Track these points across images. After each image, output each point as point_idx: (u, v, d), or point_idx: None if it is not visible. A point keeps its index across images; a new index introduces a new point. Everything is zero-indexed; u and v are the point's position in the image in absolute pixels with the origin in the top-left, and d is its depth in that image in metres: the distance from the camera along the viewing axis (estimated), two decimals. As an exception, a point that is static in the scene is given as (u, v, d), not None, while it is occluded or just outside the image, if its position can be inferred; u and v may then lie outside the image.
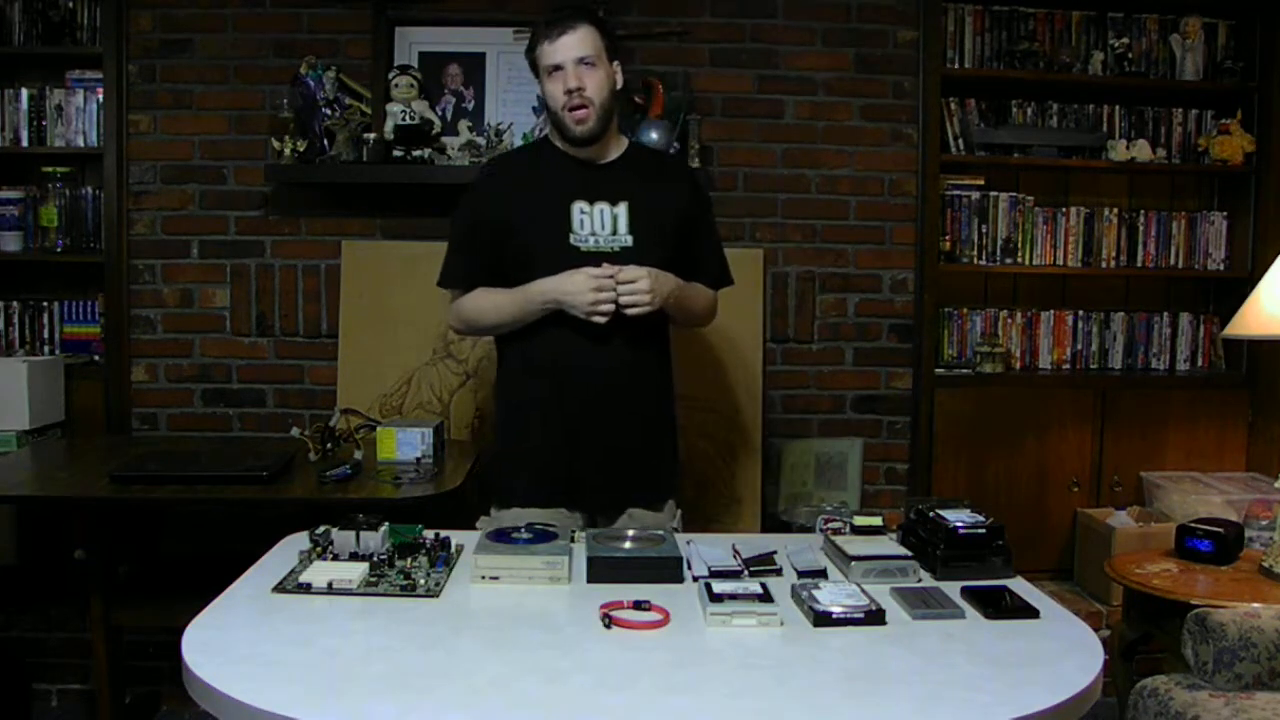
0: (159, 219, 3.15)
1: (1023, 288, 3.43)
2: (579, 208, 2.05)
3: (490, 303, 2.11)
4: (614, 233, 2.05)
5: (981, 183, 3.31)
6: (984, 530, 1.67)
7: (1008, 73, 3.25)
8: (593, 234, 2.05)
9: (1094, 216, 3.36)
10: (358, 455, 2.56)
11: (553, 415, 2.08)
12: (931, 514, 1.72)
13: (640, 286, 1.97)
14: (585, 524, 2.08)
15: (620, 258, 2.02)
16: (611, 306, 1.97)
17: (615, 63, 2.09)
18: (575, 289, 1.98)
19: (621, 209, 2.06)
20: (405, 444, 2.52)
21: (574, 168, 2.10)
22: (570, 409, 2.06)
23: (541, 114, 3.05)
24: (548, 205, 2.06)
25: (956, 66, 3.26)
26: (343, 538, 1.66)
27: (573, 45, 2.00)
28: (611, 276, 1.97)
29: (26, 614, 3.09)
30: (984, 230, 3.32)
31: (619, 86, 2.10)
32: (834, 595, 1.48)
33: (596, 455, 2.08)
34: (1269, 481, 3.06)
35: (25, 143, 3.11)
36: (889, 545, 1.71)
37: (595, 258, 2.02)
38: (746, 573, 1.63)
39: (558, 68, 2.01)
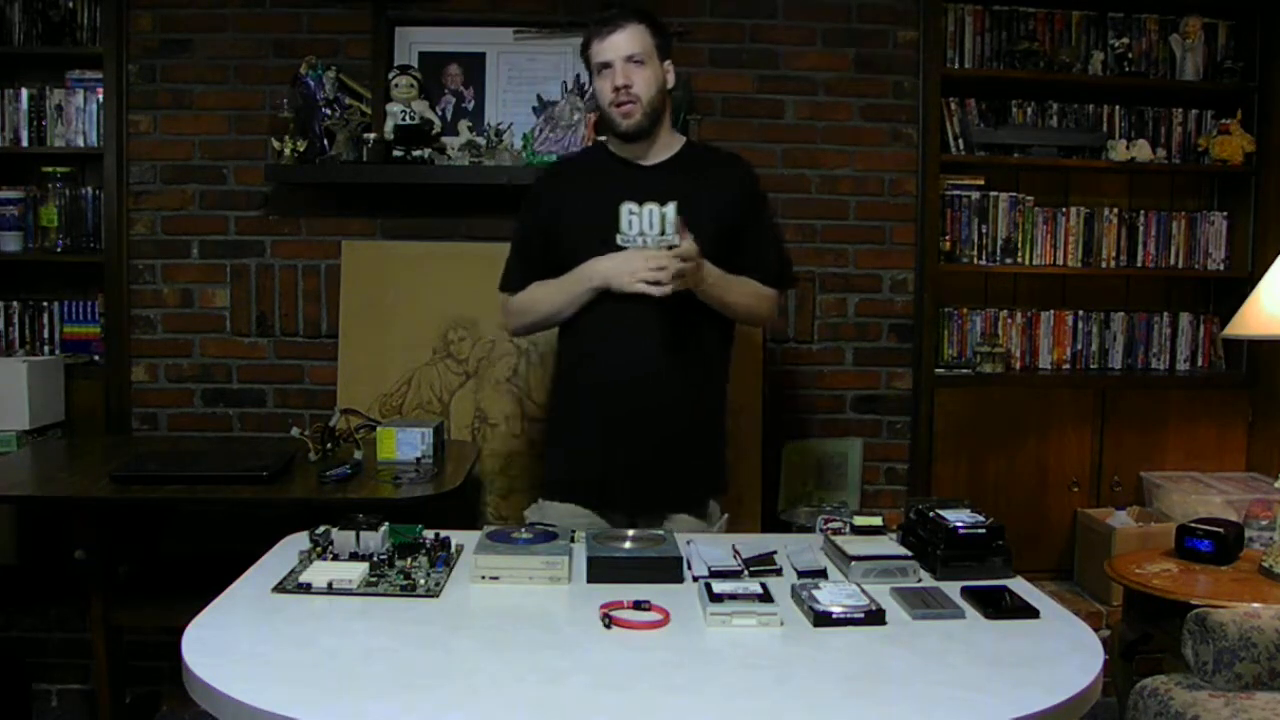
0: (159, 219, 3.15)
1: (1023, 288, 3.43)
2: (628, 208, 2.08)
3: (541, 292, 2.14)
4: (662, 233, 2.07)
5: (981, 183, 3.31)
6: (984, 530, 1.67)
7: (1008, 73, 3.24)
8: (641, 234, 2.08)
9: (1094, 216, 3.36)
10: (358, 455, 2.55)
11: (592, 413, 2.11)
12: (931, 514, 1.72)
13: (685, 267, 1.94)
14: (625, 524, 2.08)
15: None
16: (657, 275, 1.97)
17: (666, 62, 2.13)
18: (621, 261, 2.02)
19: (669, 209, 2.08)
20: (405, 444, 2.52)
21: (624, 169, 2.13)
22: (609, 408, 2.08)
23: (542, 114, 3.05)
24: (597, 206, 2.10)
25: (956, 66, 3.26)
26: (343, 538, 1.66)
27: (622, 44, 2.05)
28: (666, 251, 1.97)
29: (26, 614, 3.09)
30: (984, 230, 3.32)
31: (670, 85, 2.14)
32: (834, 595, 1.48)
33: (633, 456, 2.08)
34: (1269, 481, 3.06)
35: (25, 143, 3.11)
36: (889, 545, 1.71)
37: None
38: (746, 573, 1.63)
39: (607, 65, 2.06)
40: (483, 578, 1.58)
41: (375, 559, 1.63)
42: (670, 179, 2.11)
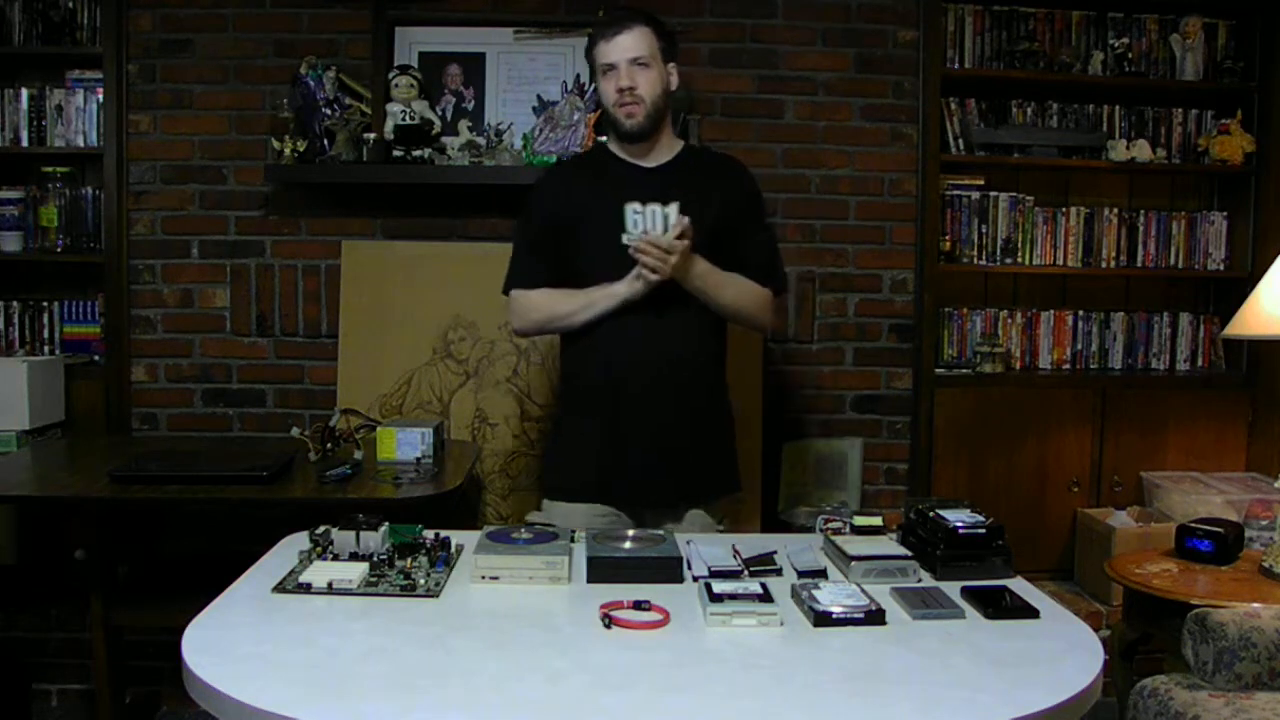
0: (159, 219, 3.15)
1: (1023, 288, 3.43)
2: (632, 208, 2.11)
3: (564, 302, 2.14)
4: (665, 232, 2.09)
5: (981, 183, 3.31)
6: (984, 530, 1.67)
7: (1008, 73, 3.24)
8: (645, 233, 2.10)
9: (1094, 216, 3.36)
10: (358, 455, 2.55)
11: (604, 410, 2.12)
12: (931, 514, 1.72)
13: (663, 246, 1.99)
14: (635, 521, 2.13)
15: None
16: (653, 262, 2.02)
17: (670, 65, 2.15)
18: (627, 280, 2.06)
19: (672, 209, 2.11)
20: (405, 444, 2.52)
21: (628, 170, 2.16)
22: (622, 405, 2.10)
23: (542, 114, 3.05)
24: (603, 205, 2.13)
25: (956, 66, 3.26)
26: (343, 538, 1.65)
27: (627, 45, 2.08)
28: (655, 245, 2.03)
29: (26, 614, 3.09)
30: (984, 230, 3.32)
31: (673, 88, 2.17)
32: (834, 595, 1.48)
33: (646, 452, 2.10)
34: (1269, 481, 3.06)
35: (25, 143, 3.11)
36: (889, 545, 1.71)
37: None
38: (746, 573, 1.63)
39: (612, 66, 2.09)
40: (483, 578, 1.58)
41: (375, 559, 1.63)
42: (672, 180, 2.14)
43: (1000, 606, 1.50)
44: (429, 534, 1.73)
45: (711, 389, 2.21)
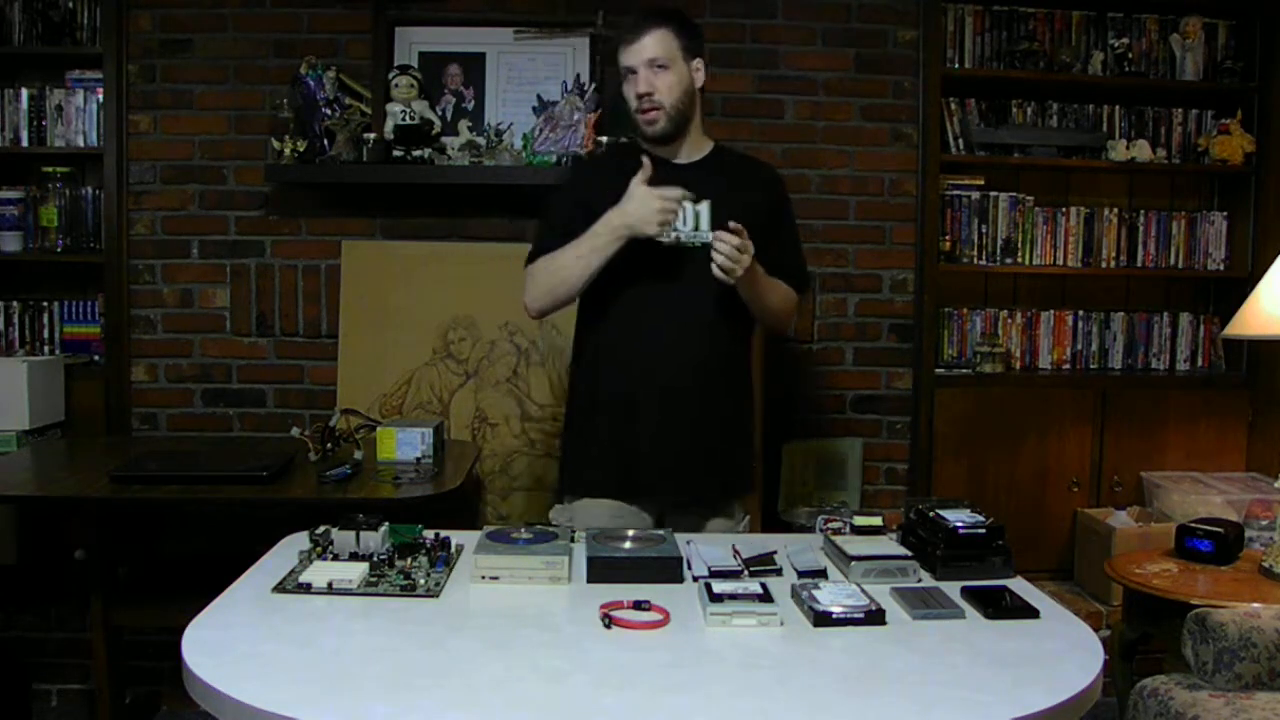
0: (159, 219, 3.15)
1: (1023, 288, 3.43)
2: None
3: (566, 254, 2.07)
4: (696, 228, 2.07)
5: (981, 183, 3.31)
6: (984, 530, 1.67)
7: (1008, 73, 3.25)
8: (675, 230, 2.07)
9: (1094, 216, 3.36)
10: (358, 455, 2.55)
11: (626, 408, 2.10)
12: (931, 514, 1.72)
13: (738, 243, 1.95)
14: (654, 519, 2.12)
15: (702, 253, 2.02)
16: (674, 215, 1.99)
17: (696, 60, 2.12)
18: (638, 203, 2.00)
19: (704, 206, 2.07)
20: (405, 444, 2.52)
21: (657, 166, 2.11)
22: (644, 403, 2.09)
23: (542, 114, 3.05)
24: None
25: (956, 66, 3.26)
26: (343, 538, 1.65)
27: (644, 49, 2.06)
28: (678, 200, 2.00)
29: (26, 614, 3.09)
30: (984, 230, 3.32)
31: (699, 85, 2.14)
32: (834, 595, 1.48)
33: (667, 451, 2.09)
34: (1269, 481, 3.06)
35: (25, 143, 3.11)
36: (889, 545, 1.71)
37: (678, 252, 2.05)
38: (746, 573, 1.63)
39: (631, 71, 2.08)
40: (483, 578, 1.58)
41: (375, 559, 1.62)
42: (703, 178, 2.12)
43: (1000, 606, 1.50)
44: (429, 534, 1.73)
45: (734, 392, 2.19)
